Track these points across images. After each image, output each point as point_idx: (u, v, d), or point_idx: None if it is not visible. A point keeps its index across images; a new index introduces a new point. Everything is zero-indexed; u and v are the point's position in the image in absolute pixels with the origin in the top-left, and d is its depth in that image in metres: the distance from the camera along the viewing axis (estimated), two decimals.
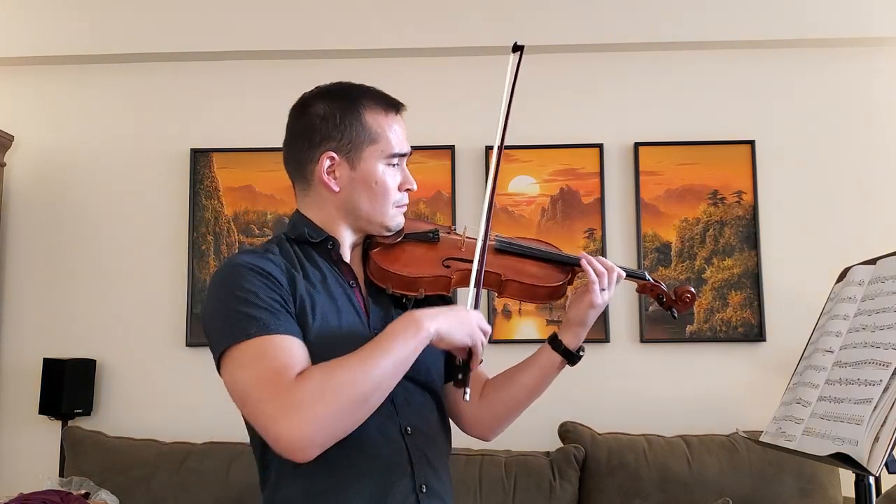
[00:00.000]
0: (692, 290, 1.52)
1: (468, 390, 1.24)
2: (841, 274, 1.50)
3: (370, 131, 1.32)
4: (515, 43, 1.41)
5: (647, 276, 1.54)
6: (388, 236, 1.37)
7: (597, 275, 1.44)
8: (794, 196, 3.05)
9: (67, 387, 2.91)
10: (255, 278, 1.20)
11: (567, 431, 2.75)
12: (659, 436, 2.73)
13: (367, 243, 1.38)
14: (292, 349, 1.16)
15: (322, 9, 3.13)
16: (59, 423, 2.98)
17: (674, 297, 1.53)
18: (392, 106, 1.38)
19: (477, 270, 1.32)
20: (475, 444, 2.78)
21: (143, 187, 3.16)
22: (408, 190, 1.37)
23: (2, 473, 3.06)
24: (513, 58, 1.41)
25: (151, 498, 2.68)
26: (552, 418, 2.83)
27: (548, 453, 2.71)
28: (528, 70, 3.31)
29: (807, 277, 2.94)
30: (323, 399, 1.10)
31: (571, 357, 1.46)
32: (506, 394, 1.46)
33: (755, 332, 2.96)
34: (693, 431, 2.78)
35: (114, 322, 3.09)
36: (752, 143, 3.05)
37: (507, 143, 3.32)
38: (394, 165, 1.34)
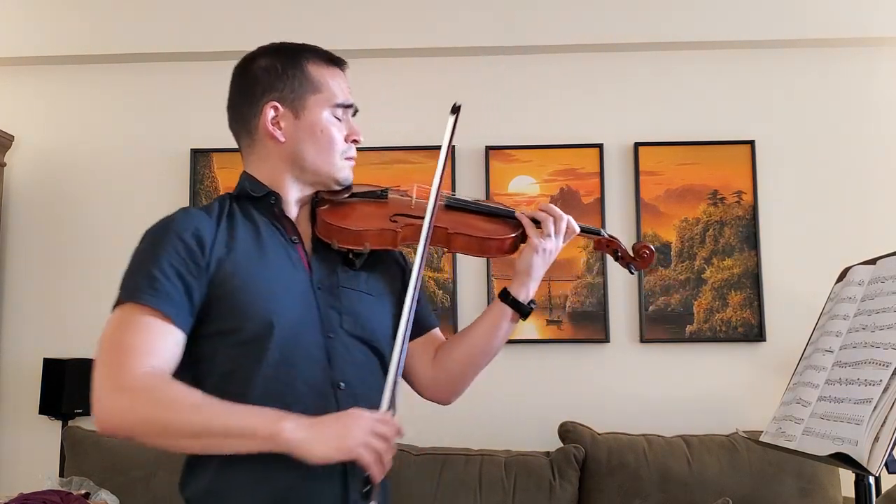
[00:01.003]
0: (651, 246, 1.50)
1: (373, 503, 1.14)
2: (841, 274, 1.50)
3: (313, 81, 1.32)
4: (455, 104, 1.42)
5: (603, 232, 1.51)
6: (337, 191, 1.36)
7: (541, 220, 1.40)
8: (794, 196, 3.05)
9: (67, 387, 2.90)
10: (171, 242, 1.20)
11: (567, 431, 2.75)
12: (659, 436, 2.73)
13: (315, 202, 1.37)
14: (157, 333, 1.16)
15: (321, 9, 3.13)
16: (59, 423, 2.98)
17: (631, 254, 1.50)
18: (334, 61, 1.37)
19: (427, 227, 1.29)
20: (475, 444, 2.78)
21: (143, 187, 3.16)
22: (354, 141, 1.36)
23: (2, 473, 3.06)
24: (451, 119, 1.41)
25: (151, 498, 2.67)
26: (552, 418, 2.83)
27: (548, 453, 2.71)
28: (528, 70, 3.34)
29: (807, 277, 2.94)
30: (139, 401, 1.11)
31: (521, 308, 1.42)
32: (459, 352, 1.42)
33: (755, 332, 2.96)
34: (693, 431, 2.78)
35: None
36: (752, 143, 3.05)
37: (506, 142, 3.33)
38: (338, 117, 1.34)
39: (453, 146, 3.08)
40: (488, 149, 3.09)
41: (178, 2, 3.17)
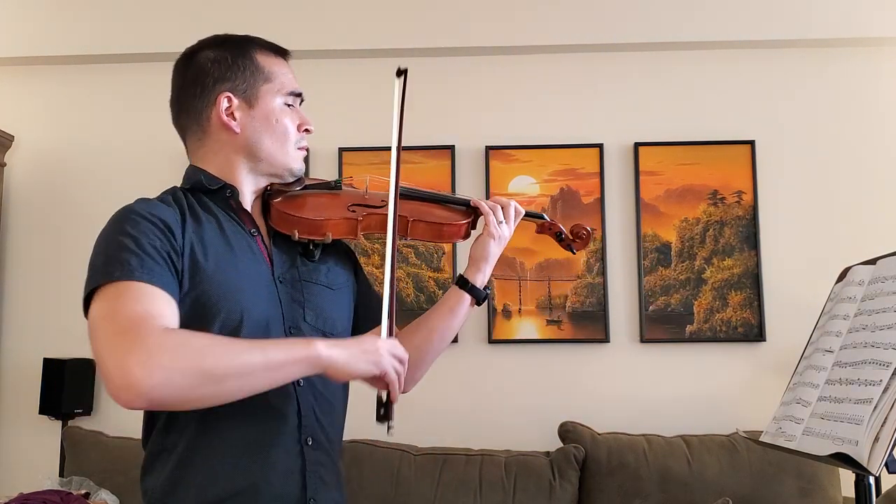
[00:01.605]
0: (588, 227, 1.59)
1: (392, 423, 1.19)
2: (841, 274, 1.50)
3: (264, 71, 1.31)
4: (399, 68, 1.43)
5: (545, 217, 1.60)
6: (290, 184, 1.36)
7: (490, 209, 1.47)
8: (794, 196, 3.05)
9: (67, 387, 2.91)
10: (143, 224, 1.17)
11: (567, 431, 2.75)
12: (659, 436, 2.73)
13: (267, 195, 1.35)
14: (157, 299, 1.11)
15: (321, 8, 3.13)
16: (59, 423, 2.98)
17: (571, 236, 1.59)
18: (281, 52, 1.37)
19: (392, 215, 1.32)
20: (475, 444, 2.78)
21: (143, 187, 3.13)
22: (306, 131, 1.35)
23: (2, 473, 3.06)
24: (398, 82, 1.42)
25: None
26: (552, 418, 2.83)
27: (548, 453, 2.71)
28: (528, 70, 3.34)
29: (807, 277, 2.94)
30: (178, 353, 1.03)
31: (478, 294, 1.47)
32: (418, 338, 1.43)
33: (755, 332, 2.96)
34: (693, 431, 2.78)
35: None
36: (752, 143, 3.05)
37: (506, 143, 3.33)
38: (290, 105, 1.33)
39: (452, 145, 3.12)
40: (488, 149, 3.09)
41: (178, 2, 3.17)
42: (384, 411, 1.20)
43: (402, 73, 1.42)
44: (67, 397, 2.91)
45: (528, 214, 1.54)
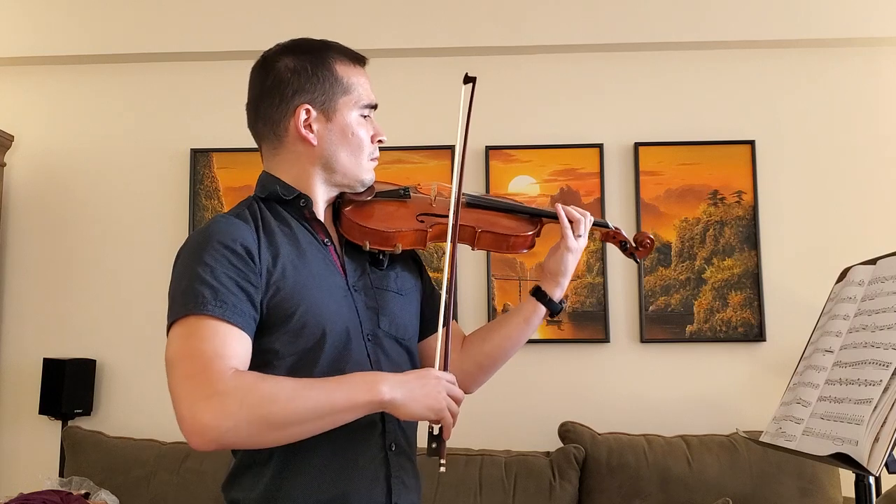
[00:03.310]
0: (651, 235, 1.59)
1: (443, 461, 1.22)
2: (841, 274, 1.50)
3: (342, 82, 1.31)
4: (467, 74, 1.43)
5: (610, 225, 1.58)
6: (360, 193, 1.37)
7: (570, 221, 1.46)
8: (794, 196, 3.05)
9: (67, 387, 2.91)
10: (221, 252, 1.17)
11: (567, 431, 2.75)
12: (659, 436, 2.73)
13: (338, 203, 1.36)
14: (228, 338, 1.13)
15: (322, 9, 3.13)
16: (59, 423, 2.98)
17: (635, 244, 1.58)
18: (358, 59, 1.36)
19: (452, 226, 1.32)
20: (475, 444, 2.78)
21: (143, 187, 3.16)
22: (379, 142, 1.36)
23: (2, 473, 3.06)
24: (464, 90, 1.42)
25: (151, 498, 2.68)
26: (552, 418, 2.83)
27: (548, 453, 2.71)
28: (528, 70, 3.34)
29: (807, 277, 2.94)
30: (245, 401, 1.07)
31: (554, 307, 1.48)
32: (490, 345, 1.46)
33: (755, 332, 2.96)
34: (693, 431, 2.78)
35: (114, 322, 3.09)
36: (752, 143, 3.05)
37: (506, 143, 3.33)
38: (366, 117, 1.33)
39: (452, 145, 3.11)
40: (488, 149, 3.09)
41: (178, 2, 3.17)
42: (436, 447, 1.22)
43: (470, 80, 1.43)
44: (67, 397, 2.91)
45: (595, 223, 1.53)
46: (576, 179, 3.07)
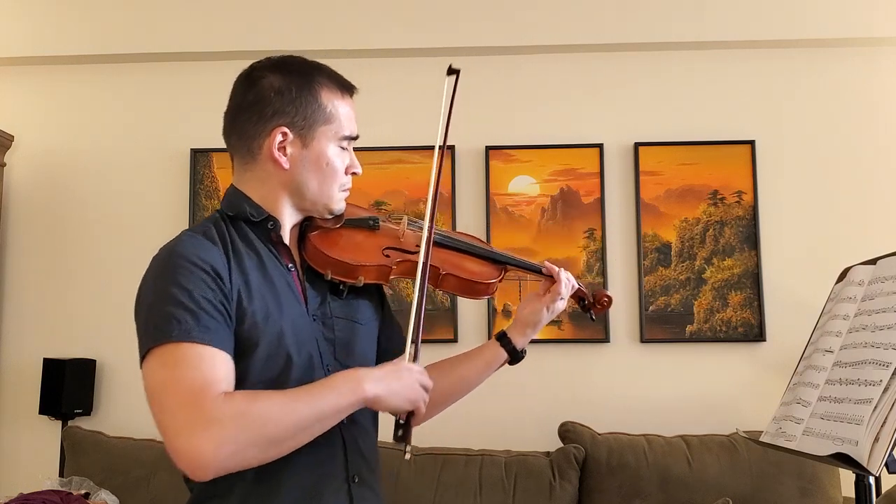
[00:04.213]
0: (609, 294, 1.58)
1: (409, 447, 1.22)
2: (841, 274, 1.50)
3: (325, 110, 1.28)
4: (451, 66, 1.42)
5: (583, 288, 1.58)
6: (328, 220, 1.34)
7: (563, 284, 1.47)
8: (794, 196, 3.05)
9: (67, 387, 2.91)
10: (194, 273, 1.15)
11: (567, 431, 2.75)
12: (659, 436, 2.73)
13: (305, 226, 1.34)
14: (215, 362, 1.11)
15: (322, 9, 3.13)
16: (59, 423, 2.98)
17: (593, 300, 1.57)
18: (346, 88, 1.33)
19: (423, 264, 1.30)
20: (475, 444, 2.78)
21: (143, 187, 3.16)
22: (353, 173, 1.34)
23: (2, 473, 3.06)
24: (448, 81, 1.40)
25: (151, 498, 2.67)
26: (552, 418, 2.83)
27: (548, 453, 2.71)
28: (528, 70, 3.34)
29: (807, 277, 2.94)
30: (242, 425, 1.06)
31: (515, 356, 1.48)
32: (446, 383, 1.44)
33: (755, 332, 2.96)
34: (693, 431, 2.78)
35: (114, 322, 3.08)
36: (752, 143, 3.05)
37: (507, 143, 3.33)
38: (343, 148, 1.31)
39: (452, 145, 3.11)
40: (488, 149, 3.09)
41: (178, 2, 3.17)
42: (402, 433, 1.23)
43: (454, 72, 1.41)
44: (67, 397, 2.91)
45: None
46: (576, 179, 3.07)
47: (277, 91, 1.26)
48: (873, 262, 1.40)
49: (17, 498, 2.44)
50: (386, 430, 1.29)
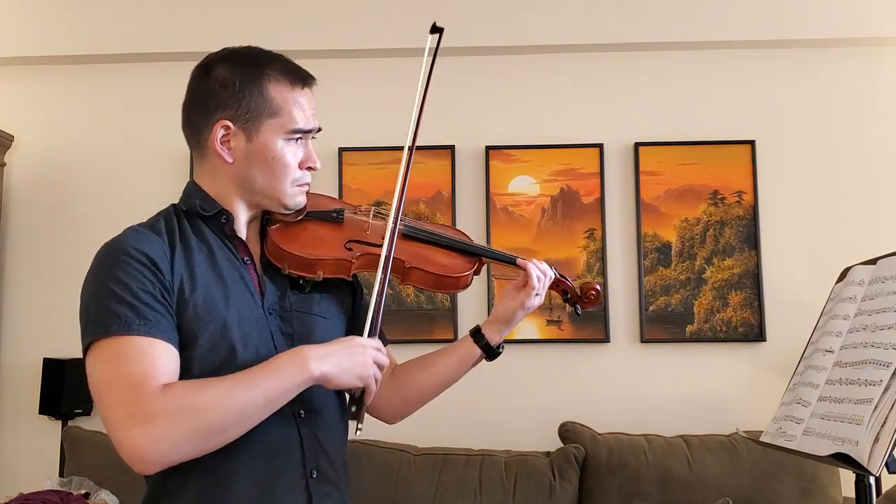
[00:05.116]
0: (597, 287, 1.52)
1: (361, 425, 1.21)
2: (841, 274, 1.50)
3: (271, 103, 1.24)
4: (434, 24, 1.35)
5: (559, 274, 1.50)
6: (287, 213, 1.31)
7: (537, 279, 1.41)
8: (794, 196, 3.05)
9: (67, 387, 2.91)
10: (133, 266, 1.14)
11: (567, 431, 2.75)
12: (659, 436, 2.73)
13: (266, 219, 1.31)
14: (155, 355, 1.10)
15: (321, 9, 3.13)
16: (59, 423, 2.98)
17: (579, 293, 1.51)
18: (300, 79, 1.28)
19: (385, 257, 1.26)
20: (475, 444, 2.78)
21: (143, 187, 3.16)
22: (310, 168, 1.30)
23: (2, 473, 3.06)
24: (431, 39, 1.36)
25: None
26: (552, 418, 2.83)
27: (548, 453, 2.71)
28: (528, 70, 3.33)
29: (807, 277, 2.94)
30: (177, 418, 1.06)
31: (491, 353, 1.44)
32: (421, 379, 1.44)
33: (755, 332, 2.96)
34: (693, 431, 2.78)
35: None
36: (752, 143, 3.05)
37: (506, 142, 3.33)
38: (296, 141, 1.27)
39: (452, 145, 3.12)
40: (488, 149, 3.09)
41: (179, 2, 3.17)
42: (356, 410, 1.22)
43: (437, 30, 1.38)
44: (67, 397, 2.91)
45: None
46: (576, 179, 3.07)
47: (222, 83, 1.24)
48: (873, 262, 1.40)
49: (17, 498, 2.44)
50: (386, 430, 1.28)
